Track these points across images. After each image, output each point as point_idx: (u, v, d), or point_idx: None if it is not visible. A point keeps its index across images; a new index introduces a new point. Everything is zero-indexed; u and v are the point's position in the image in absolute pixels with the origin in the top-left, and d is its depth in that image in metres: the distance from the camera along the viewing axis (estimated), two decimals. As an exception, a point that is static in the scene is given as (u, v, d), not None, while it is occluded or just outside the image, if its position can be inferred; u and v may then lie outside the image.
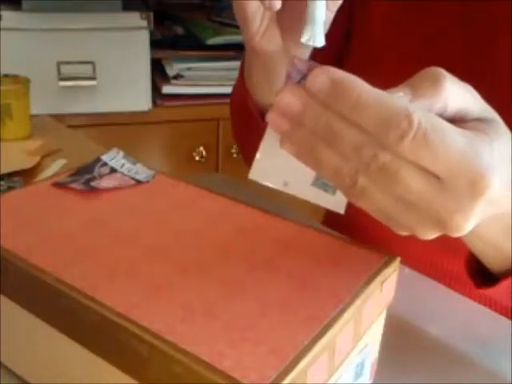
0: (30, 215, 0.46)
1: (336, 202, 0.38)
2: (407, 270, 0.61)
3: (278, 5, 0.48)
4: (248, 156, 0.80)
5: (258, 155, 0.39)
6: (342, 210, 0.39)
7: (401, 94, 0.33)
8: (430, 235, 0.36)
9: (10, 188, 0.75)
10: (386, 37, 0.67)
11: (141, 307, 0.35)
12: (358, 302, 0.37)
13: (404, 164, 0.32)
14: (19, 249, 0.41)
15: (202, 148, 1.53)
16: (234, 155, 1.54)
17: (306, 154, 0.35)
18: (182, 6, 1.65)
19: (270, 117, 0.35)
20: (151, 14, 1.36)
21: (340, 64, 0.75)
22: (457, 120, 0.34)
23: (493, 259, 0.47)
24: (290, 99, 0.34)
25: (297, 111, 0.34)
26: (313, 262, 0.41)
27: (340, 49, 0.73)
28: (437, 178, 0.33)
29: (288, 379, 0.31)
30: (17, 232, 0.43)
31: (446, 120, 0.33)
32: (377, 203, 0.34)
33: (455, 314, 0.57)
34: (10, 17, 1.30)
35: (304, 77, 0.35)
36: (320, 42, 0.46)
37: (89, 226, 0.44)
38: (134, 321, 0.34)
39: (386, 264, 0.41)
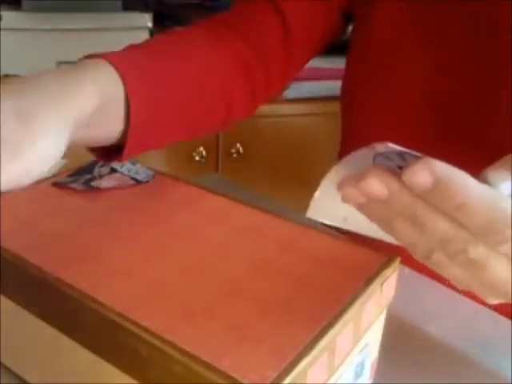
0: (30, 215, 0.45)
1: None
2: (407, 270, 0.61)
3: None
4: None
5: (316, 194, 0.36)
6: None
7: (507, 184, 0.31)
8: (496, 302, 0.35)
9: (10, 188, 0.75)
10: (387, 37, 0.67)
11: (141, 307, 0.35)
12: (358, 302, 0.37)
13: (495, 258, 0.31)
14: (19, 249, 0.41)
15: (201, 148, 1.52)
16: (234, 155, 1.54)
17: (376, 219, 0.33)
18: (181, 6, 1.65)
19: (347, 191, 0.32)
20: (151, 14, 1.36)
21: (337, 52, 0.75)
22: None
23: None
24: (377, 186, 0.31)
25: (382, 197, 0.31)
26: (313, 262, 0.41)
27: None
28: None
29: (288, 379, 0.31)
30: (17, 232, 0.43)
31: None
32: (451, 275, 0.33)
33: (455, 314, 0.57)
34: (9, 17, 1.30)
35: (390, 153, 0.31)
36: None
37: (89, 225, 0.44)
38: (134, 321, 0.34)
39: (386, 264, 0.41)
